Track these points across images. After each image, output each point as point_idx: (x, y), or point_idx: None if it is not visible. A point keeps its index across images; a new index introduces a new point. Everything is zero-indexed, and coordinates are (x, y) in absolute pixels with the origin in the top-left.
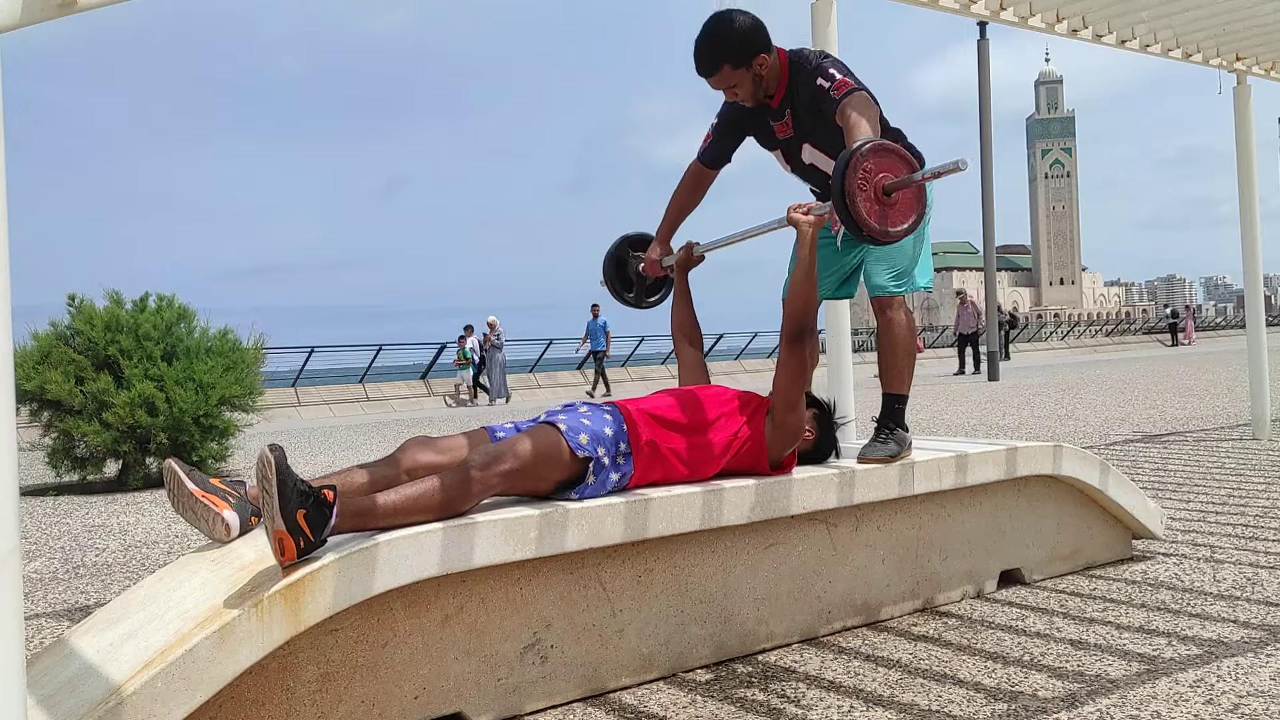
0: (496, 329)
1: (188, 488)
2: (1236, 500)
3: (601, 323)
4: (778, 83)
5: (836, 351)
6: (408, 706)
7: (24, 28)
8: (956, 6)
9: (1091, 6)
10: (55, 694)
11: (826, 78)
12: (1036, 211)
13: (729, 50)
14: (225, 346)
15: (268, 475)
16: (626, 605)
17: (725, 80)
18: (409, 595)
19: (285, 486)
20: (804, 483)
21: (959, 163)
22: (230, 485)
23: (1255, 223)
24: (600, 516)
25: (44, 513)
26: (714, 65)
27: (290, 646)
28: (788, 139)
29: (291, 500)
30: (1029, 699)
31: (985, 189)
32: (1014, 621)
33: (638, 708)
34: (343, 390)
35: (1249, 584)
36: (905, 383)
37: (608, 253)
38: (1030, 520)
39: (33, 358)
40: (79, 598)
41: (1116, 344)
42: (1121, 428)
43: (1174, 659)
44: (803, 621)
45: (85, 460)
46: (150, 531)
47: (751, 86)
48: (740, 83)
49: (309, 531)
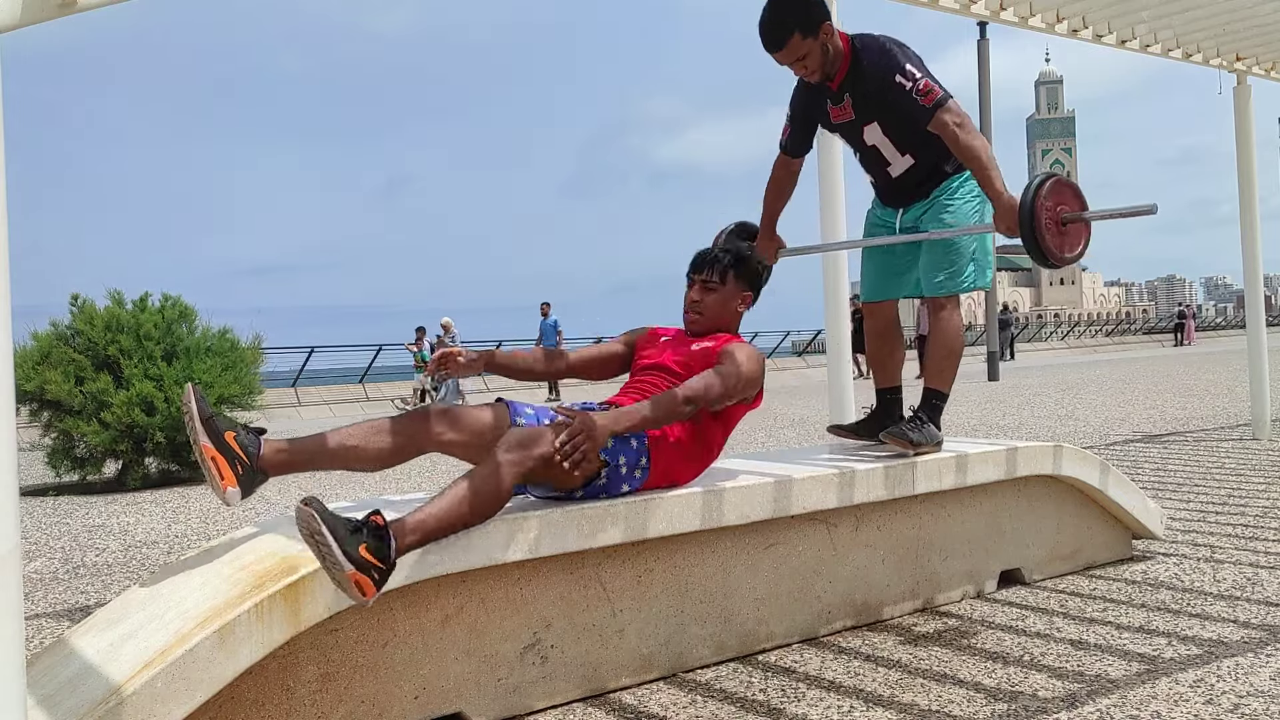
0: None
1: (200, 440)
2: (1236, 500)
3: (552, 322)
4: (840, 63)
5: (837, 354)
6: (408, 706)
7: (24, 28)
8: (956, 6)
9: (1091, 6)
10: (55, 694)
11: (906, 76)
12: None
13: (797, 17)
14: (225, 346)
15: (315, 529)
16: (626, 605)
17: (795, 51)
18: (409, 595)
19: (338, 532)
20: (804, 483)
21: (1151, 207)
22: (248, 438)
23: (1255, 223)
24: (600, 516)
25: (44, 513)
26: (784, 35)
27: (290, 646)
28: (847, 122)
29: (349, 541)
30: (1029, 699)
31: None
32: (1014, 621)
33: (638, 708)
34: (343, 390)
35: (1249, 584)
36: (948, 381)
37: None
38: (1030, 520)
39: (33, 358)
40: (79, 598)
41: (1117, 344)
42: (1121, 428)
43: (1174, 659)
44: (803, 621)
45: (85, 460)
46: (150, 531)
47: (820, 57)
48: (810, 53)
49: (378, 562)
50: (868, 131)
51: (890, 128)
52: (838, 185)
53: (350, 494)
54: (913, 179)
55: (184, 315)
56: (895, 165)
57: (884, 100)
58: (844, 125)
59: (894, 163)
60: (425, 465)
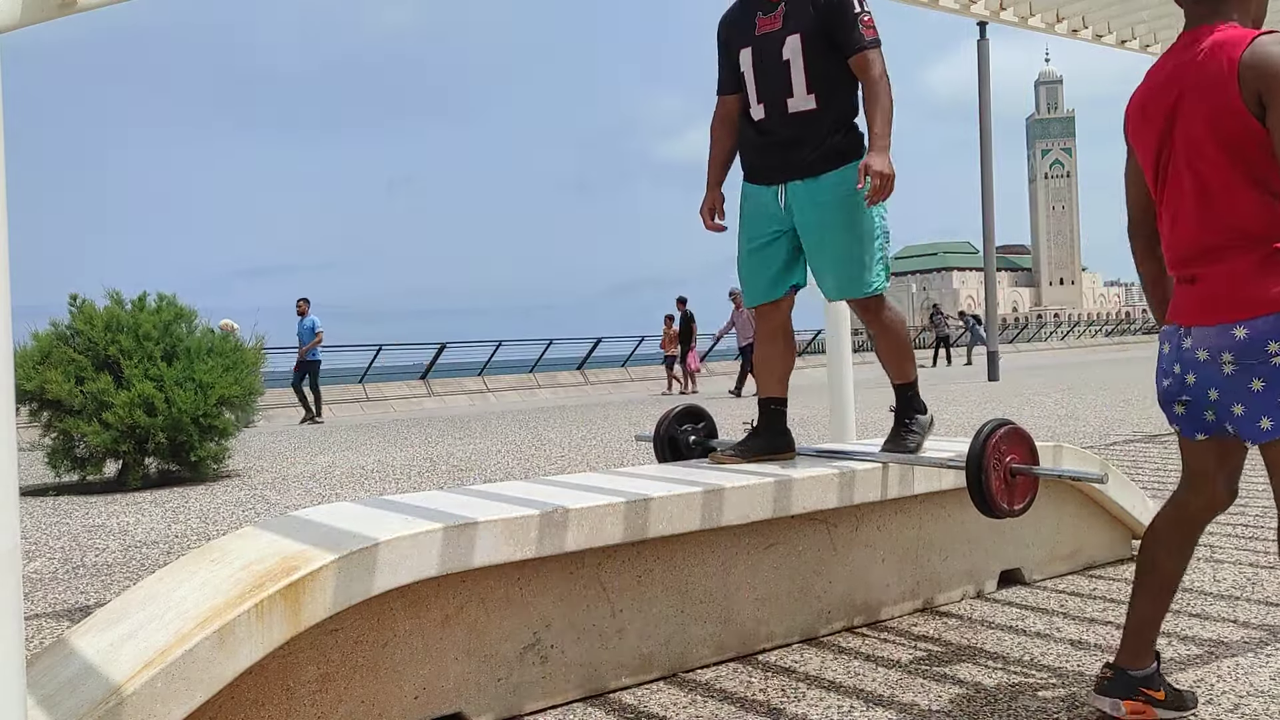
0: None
1: None
2: (1236, 500)
3: (309, 323)
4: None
5: (837, 354)
6: (408, 706)
7: (24, 28)
8: (956, 7)
9: (1091, 6)
10: (55, 694)
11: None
12: (1036, 211)
13: None
14: (225, 347)
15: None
16: (626, 605)
17: None
18: (409, 595)
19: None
20: (804, 483)
21: (1101, 476)
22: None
23: None
24: (600, 516)
25: (44, 513)
26: None
27: (290, 646)
28: (771, 33)
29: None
30: (1029, 699)
31: (985, 189)
32: (1014, 621)
33: (638, 708)
34: (343, 390)
35: (1249, 584)
36: (912, 371)
37: (660, 436)
38: (1030, 520)
39: (33, 358)
40: (79, 598)
41: (1117, 344)
42: (1121, 428)
43: (1174, 659)
44: (803, 621)
45: (85, 460)
46: (150, 531)
47: None
48: None
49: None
50: (788, 43)
51: (811, 46)
52: None
53: (350, 493)
54: (806, 129)
55: (180, 315)
56: (796, 99)
57: (827, 8)
58: (765, 38)
59: (796, 95)
60: (425, 465)
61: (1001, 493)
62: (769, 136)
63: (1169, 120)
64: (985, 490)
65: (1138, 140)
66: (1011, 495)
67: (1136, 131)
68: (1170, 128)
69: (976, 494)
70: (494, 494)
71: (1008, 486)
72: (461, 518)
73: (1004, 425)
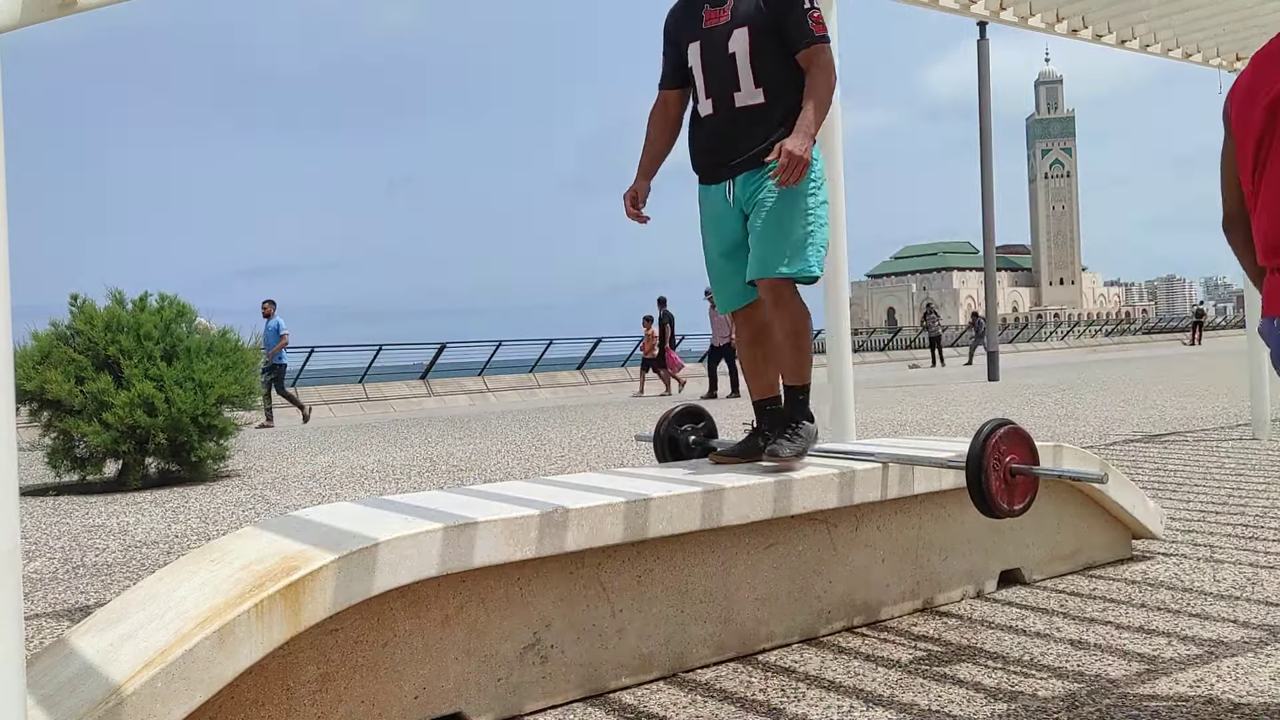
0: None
1: None
2: (1236, 500)
3: (275, 325)
4: None
5: (837, 354)
6: (408, 706)
7: (24, 28)
8: (956, 7)
9: (1091, 6)
10: (55, 694)
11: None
12: (1036, 211)
13: None
14: (225, 346)
15: None
16: (626, 605)
17: None
18: (409, 595)
19: None
20: (804, 483)
21: (1101, 476)
22: None
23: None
24: (600, 516)
25: (44, 513)
26: None
27: (290, 646)
28: (718, 26)
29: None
30: (1029, 699)
31: (985, 189)
32: (1014, 621)
33: (638, 708)
34: (343, 390)
35: (1249, 584)
36: (807, 373)
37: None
38: (1030, 520)
39: (33, 358)
40: (79, 598)
41: (1117, 344)
42: (1121, 428)
43: (1174, 659)
44: (803, 621)
45: (85, 460)
46: (150, 531)
47: None
48: None
49: None
50: (735, 36)
51: (759, 40)
52: (838, 185)
53: (350, 493)
54: (755, 124)
55: (181, 314)
56: (744, 93)
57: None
58: (713, 30)
59: (744, 89)
60: (425, 465)
61: (1001, 493)
62: (717, 132)
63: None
64: (985, 490)
65: (1239, 124)
66: (1011, 495)
67: (1240, 115)
68: (1276, 112)
69: (976, 494)
70: (494, 494)
71: (1008, 486)
72: (461, 518)
73: (1004, 425)
